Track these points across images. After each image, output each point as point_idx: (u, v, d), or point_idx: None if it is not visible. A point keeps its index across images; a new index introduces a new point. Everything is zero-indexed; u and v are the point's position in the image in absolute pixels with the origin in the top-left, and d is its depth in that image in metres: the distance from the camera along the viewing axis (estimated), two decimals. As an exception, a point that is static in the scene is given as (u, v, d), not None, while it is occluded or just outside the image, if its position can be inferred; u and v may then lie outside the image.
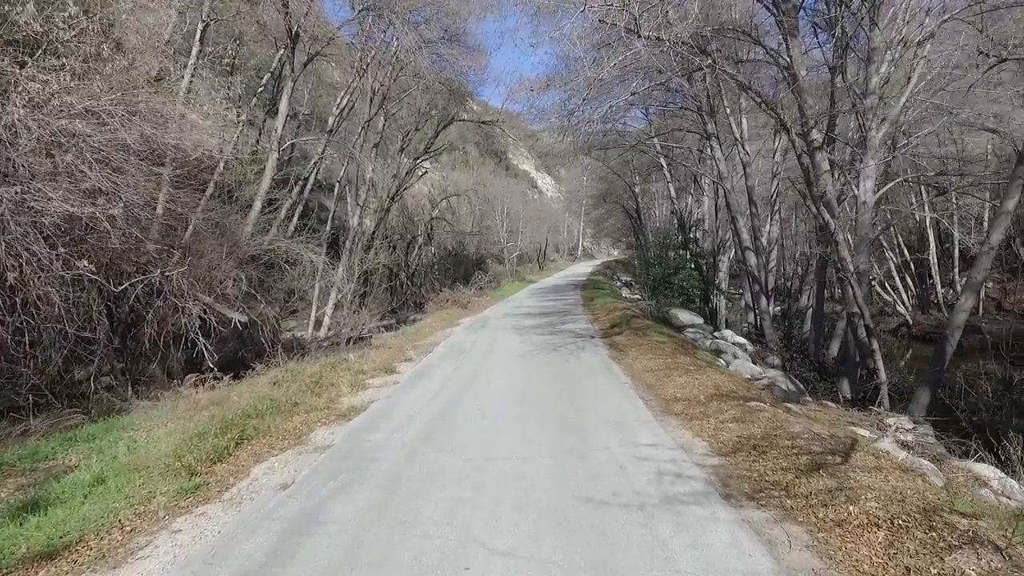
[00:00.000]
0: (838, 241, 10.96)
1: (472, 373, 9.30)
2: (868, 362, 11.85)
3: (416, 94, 31.33)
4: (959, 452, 7.43)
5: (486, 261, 42.30)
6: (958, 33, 13.31)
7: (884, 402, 11.31)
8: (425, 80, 25.86)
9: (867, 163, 12.75)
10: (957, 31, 13.28)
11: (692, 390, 7.58)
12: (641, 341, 11.96)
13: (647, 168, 33.16)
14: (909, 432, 8.35)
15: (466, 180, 46.22)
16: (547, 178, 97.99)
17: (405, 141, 29.56)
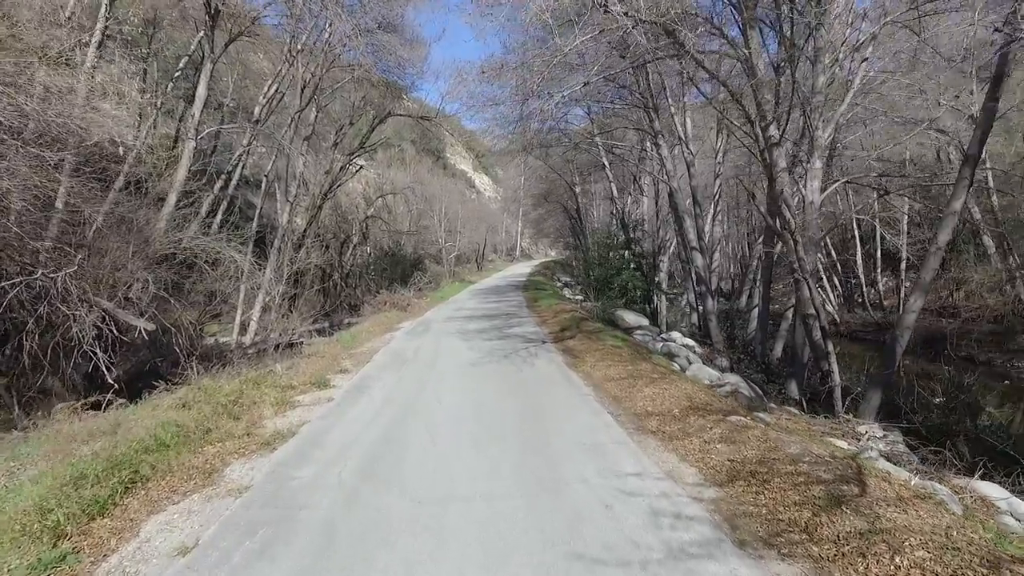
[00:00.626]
0: (797, 241, 10.61)
1: (418, 386, 8.32)
2: (822, 364, 11.57)
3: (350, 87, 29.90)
4: (935, 462, 7.09)
5: (424, 261, 41.06)
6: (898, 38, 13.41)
7: (837, 405, 11.08)
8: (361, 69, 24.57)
9: (813, 163, 12.55)
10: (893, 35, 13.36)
11: (663, 402, 6.90)
12: (596, 346, 11.29)
13: (588, 168, 32.86)
14: (880, 440, 7.99)
15: (403, 178, 44.90)
16: (484, 178, 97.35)
17: (339, 136, 28.05)
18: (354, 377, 9.04)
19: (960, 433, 9.74)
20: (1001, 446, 7.99)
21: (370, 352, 11.58)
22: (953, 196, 10.79)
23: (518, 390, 7.89)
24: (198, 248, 13.87)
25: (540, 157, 32.26)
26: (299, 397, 7.71)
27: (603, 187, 39.54)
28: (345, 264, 30.39)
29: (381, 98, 29.50)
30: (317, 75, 22.06)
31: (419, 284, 28.88)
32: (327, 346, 13.05)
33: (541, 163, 36.22)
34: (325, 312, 25.62)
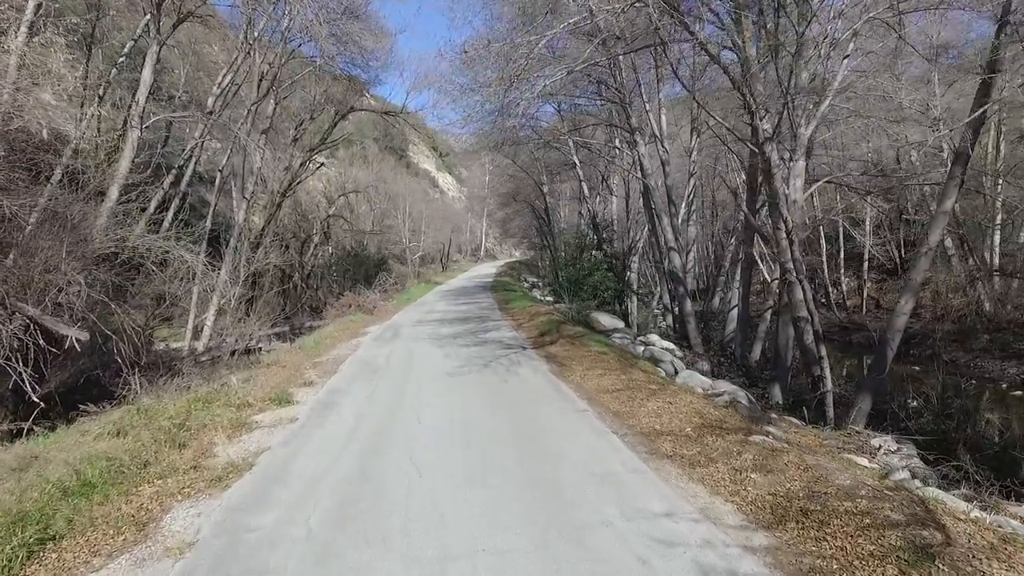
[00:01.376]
0: (793, 240, 10.10)
1: (393, 402, 7.43)
2: (813, 369, 11.08)
3: (311, 80, 28.61)
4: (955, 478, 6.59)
5: (388, 262, 39.88)
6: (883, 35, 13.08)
7: (830, 411, 10.64)
8: (323, 60, 23.43)
9: (797, 161, 12.12)
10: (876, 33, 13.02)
11: (670, 418, 6.20)
12: (580, 352, 10.58)
13: (557, 167, 32.23)
14: (895, 454, 7.45)
15: (365, 177, 43.64)
16: (448, 178, 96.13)
17: (299, 132, 26.81)
18: (320, 391, 8.09)
19: (960, 441, 9.35)
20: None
21: (336, 361, 10.60)
22: (943, 195, 10.42)
23: (506, 404, 7.08)
24: (143, 247, 12.63)
25: (509, 155, 31.50)
26: (257, 417, 6.73)
27: (570, 187, 39.04)
28: (306, 264, 29.12)
29: (343, 93, 28.33)
30: (275, 65, 20.85)
31: (384, 285, 27.77)
32: (288, 354, 12.01)
33: (509, 162, 35.47)
34: (286, 315, 24.37)
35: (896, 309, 10.96)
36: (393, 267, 40.09)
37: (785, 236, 10.76)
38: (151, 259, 13.21)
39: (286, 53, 21.62)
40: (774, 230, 10.98)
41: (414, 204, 50.78)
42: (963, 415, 10.63)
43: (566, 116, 23.31)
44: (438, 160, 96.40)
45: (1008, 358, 16.34)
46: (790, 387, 14.31)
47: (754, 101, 10.18)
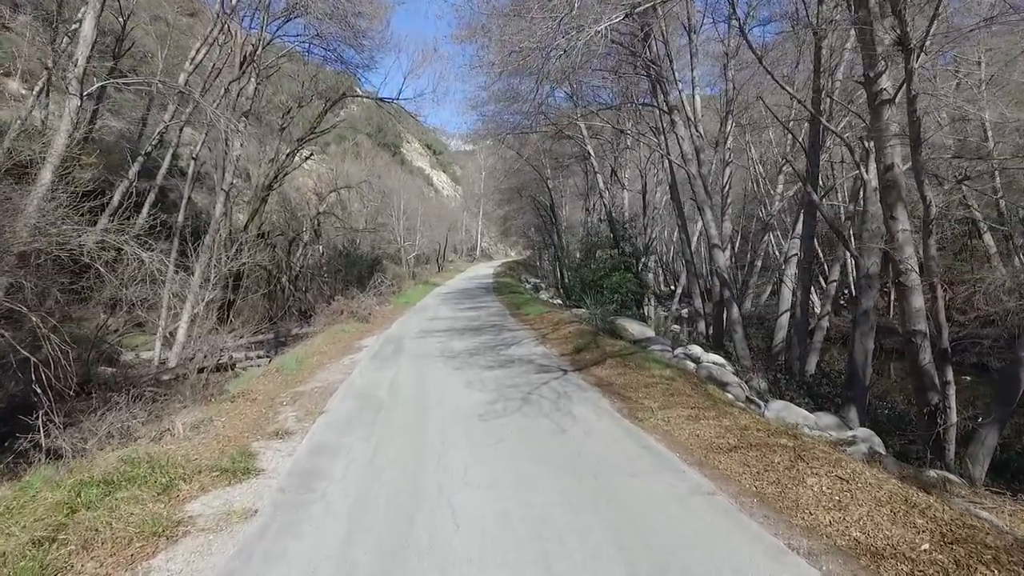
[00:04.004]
0: (931, 231, 7.71)
1: (408, 475, 4.90)
2: (930, 396, 8.68)
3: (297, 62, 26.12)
4: None
5: (382, 261, 37.40)
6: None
7: (949, 450, 8.31)
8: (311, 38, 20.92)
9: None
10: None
11: (865, 514, 3.77)
12: (639, 377, 8.12)
13: (564, 159, 29.91)
14: None
15: (358, 172, 41.27)
16: (443, 176, 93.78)
17: (285, 120, 24.26)
18: (298, 450, 5.56)
19: None
20: None
21: (324, 391, 8.07)
22: None
23: (583, 481, 4.58)
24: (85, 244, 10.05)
25: (513, 147, 29.22)
26: (192, 509, 4.22)
27: (574, 182, 36.76)
28: (294, 265, 26.61)
29: (334, 78, 25.86)
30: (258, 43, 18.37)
31: (379, 287, 25.22)
32: (264, 378, 9.46)
33: (507, 158, 33.11)
34: (271, 320, 21.87)
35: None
36: (388, 267, 37.63)
37: (905, 228, 8.37)
38: (100, 259, 10.61)
39: (269, 29, 19.16)
40: (888, 219, 8.57)
41: (409, 202, 48.35)
42: None
43: (579, 103, 20.90)
44: (432, 158, 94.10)
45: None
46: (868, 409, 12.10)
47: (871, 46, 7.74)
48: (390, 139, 74.89)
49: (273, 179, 22.89)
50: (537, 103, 18.24)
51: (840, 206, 21.51)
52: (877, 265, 12.23)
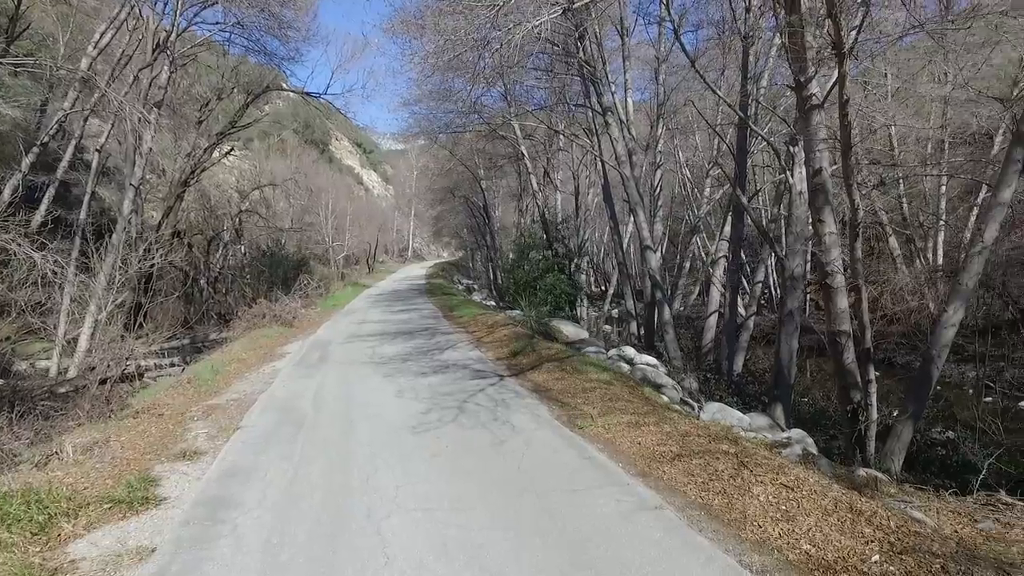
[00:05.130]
0: (857, 235, 7.89)
1: (333, 500, 4.46)
2: (852, 393, 8.93)
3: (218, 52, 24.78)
4: None
5: (309, 262, 36.08)
6: None
7: (870, 446, 8.56)
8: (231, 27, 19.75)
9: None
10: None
11: (813, 525, 3.67)
12: (577, 382, 7.95)
13: (498, 159, 29.71)
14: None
15: (283, 170, 39.73)
16: (374, 175, 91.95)
17: (204, 113, 22.92)
18: (207, 474, 4.99)
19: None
20: None
21: (241, 403, 7.44)
22: (1000, 183, 8.31)
23: (525, 500, 4.28)
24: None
25: (446, 146, 28.82)
26: (76, 551, 3.62)
27: (507, 183, 36.64)
28: (213, 266, 25.22)
29: (258, 71, 24.59)
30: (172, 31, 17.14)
31: (306, 290, 24.16)
32: (174, 390, 8.66)
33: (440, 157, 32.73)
34: (187, 324, 20.54)
35: (942, 320, 8.79)
36: (315, 268, 36.34)
37: (832, 231, 8.56)
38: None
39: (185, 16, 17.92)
40: (816, 222, 8.75)
41: (337, 201, 46.99)
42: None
43: (513, 102, 20.71)
44: (363, 156, 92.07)
45: (963, 361, 15.11)
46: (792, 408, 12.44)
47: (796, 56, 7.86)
48: (318, 136, 72.62)
49: (190, 175, 21.55)
50: (471, 101, 17.95)
51: (762, 209, 22.35)
52: (801, 267, 12.61)
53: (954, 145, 16.97)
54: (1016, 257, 16.04)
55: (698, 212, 21.60)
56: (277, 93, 38.73)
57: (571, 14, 12.44)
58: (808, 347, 16.80)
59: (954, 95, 13.60)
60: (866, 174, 13.81)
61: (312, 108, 24.68)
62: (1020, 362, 13.74)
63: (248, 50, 21.27)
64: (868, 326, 8.72)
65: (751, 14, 12.23)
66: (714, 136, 15.45)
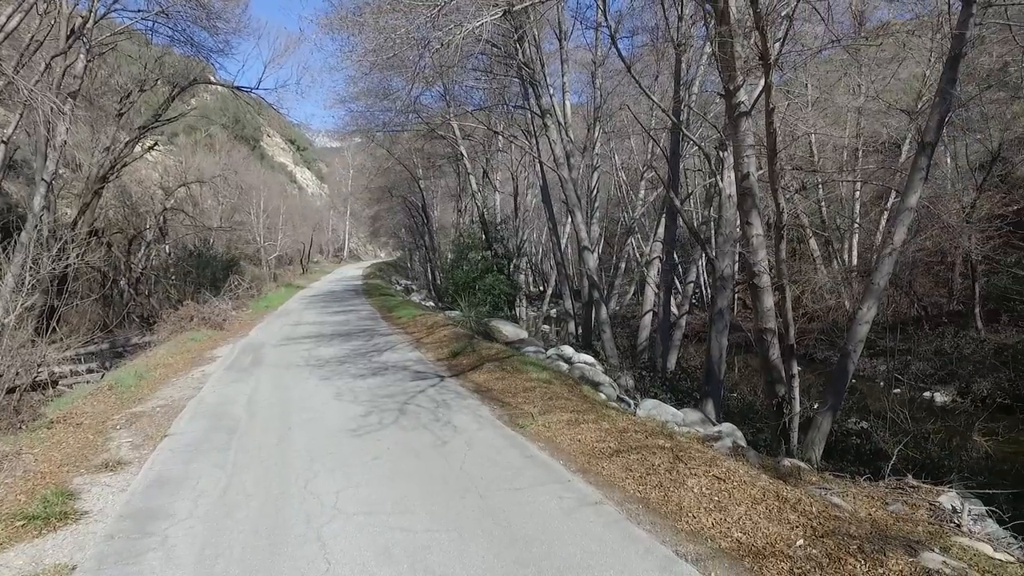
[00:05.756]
0: (783, 237, 8.30)
1: (269, 509, 4.31)
2: (778, 388, 9.40)
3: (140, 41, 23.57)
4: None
5: (240, 263, 34.79)
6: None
7: (793, 437, 9.04)
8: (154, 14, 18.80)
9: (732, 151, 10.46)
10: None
11: (744, 514, 3.85)
12: (517, 382, 8.03)
13: (437, 159, 29.55)
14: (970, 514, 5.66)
15: (212, 166, 38.14)
16: (308, 173, 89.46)
17: (125, 105, 21.68)
18: (133, 485, 4.75)
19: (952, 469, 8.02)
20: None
21: (168, 410, 7.11)
22: (907, 189, 9.00)
23: (468, 499, 4.29)
24: None
25: (384, 145, 28.39)
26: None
27: (446, 183, 36.49)
28: (135, 266, 23.93)
29: (185, 61, 23.46)
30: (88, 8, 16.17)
31: (236, 291, 23.27)
32: (93, 397, 8.17)
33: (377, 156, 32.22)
34: (107, 328, 19.40)
35: (857, 317, 9.41)
36: (246, 269, 35.06)
37: (759, 233, 8.97)
38: None
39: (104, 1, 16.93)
40: (744, 224, 9.15)
41: (270, 199, 45.44)
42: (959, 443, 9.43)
43: (452, 102, 20.66)
44: (296, 154, 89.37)
45: (875, 356, 16.19)
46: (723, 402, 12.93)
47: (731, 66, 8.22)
48: (249, 132, 70.02)
49: (109, 170, 20.35)
50: (409, 100, 17.77)
51: (694, 212, 23.15)
52: (731, 267, 13.14)
53: (867, 153, 18.09)
54: (921, 258, 17.27)
55: (633, 214, 22.16)
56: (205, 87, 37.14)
57: (511, 16, 12.51)
58: (737, 344, 17.53)
59: (867, 106, 14.48)
60: (789, 179, 14.55)
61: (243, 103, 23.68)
62: (924, 356, 14.75)
63: (173, 40, 20.26)
64: (791, 323, 9.17)
65: (684, 23, 12.66)
66: (649, 140, 15.90)
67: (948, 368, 13.97)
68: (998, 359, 13.24)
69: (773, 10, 7.18)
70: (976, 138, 16.78)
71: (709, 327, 12.63)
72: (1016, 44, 11.23)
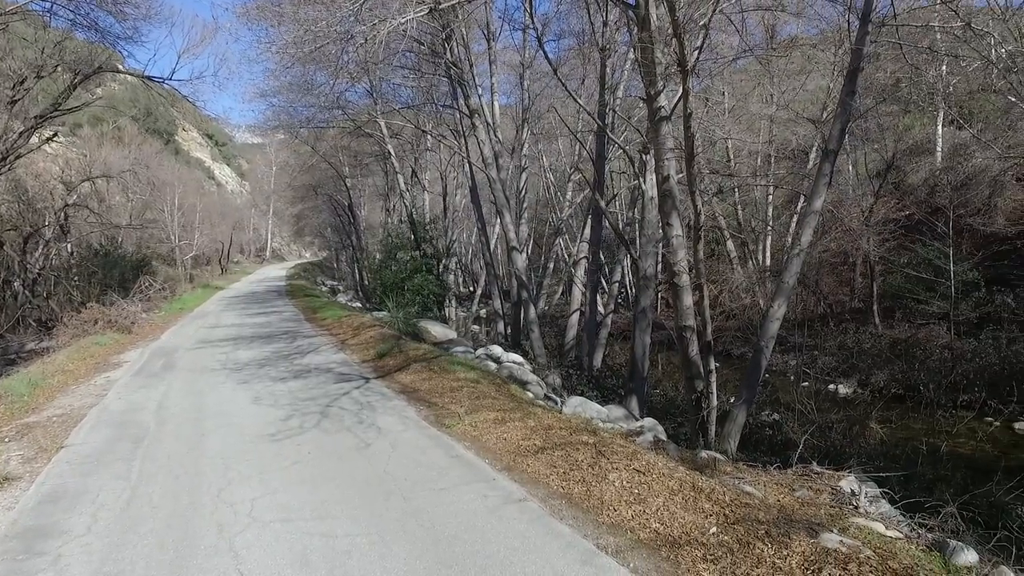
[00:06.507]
0: (699, 238, 8.63)
1: (177, 521, 4.07)
2: (696, 383, 9.80)
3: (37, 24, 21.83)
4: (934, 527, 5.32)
5: (152, 263, 32.90)
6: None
7: (711, 430, 9.46)
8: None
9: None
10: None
11: (662, 505, 3.99)
12: (445, 382, 7.98)
13: (364, 158, 28.99)
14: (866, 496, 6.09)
15: (120, 160, 35.87)
16: (227, 169, 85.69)
17: (18, 92, 20.02)
18: (23, 500, 4.37)
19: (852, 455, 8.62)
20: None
21: (66, 420, 6.60)
22: (813, 194, 9.64)
23: (392, 503, 4.21)
24: None
25: (309, 142, 27.58)
26: None
27: (373, 182, 35.84)
28: (32, 266, 22.17)
29: (89, 47, 21.90)
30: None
31: (147, 292, 21.95)
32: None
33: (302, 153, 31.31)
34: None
35: (768, 315, 9.97)
36: (159, 269, 33.19)
37: (679, 234, 9.29)
38: None
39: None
40: (665, 226, 9.46)
41: (185, 196, 43.22)
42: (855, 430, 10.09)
43: (380, 100, 20.31)
44: (215, 149, 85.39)
45: (785, 351, 17.22)
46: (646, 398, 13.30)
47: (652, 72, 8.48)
48: (162, 125, 66.33)
49: (0, 162, 18.74)
50: (334, 96, 17.33)
51: (619, 213, 23.75)
52: (653, 267, 13.55)
53: (779, 159, 19.11)
54: (827, 259, 18.42)
55: (561, 215, 22.49)
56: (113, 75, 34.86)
57: (438, 14, 12.45)
58: (660, 342, 18.09)
59: (778, 115, 15.27)
60: (708, 182, 15.19)
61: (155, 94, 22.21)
62: (830, 351, 15.74)
63: (75, 24, 18.82)
64: (709, 321, 9.55)
65: (608, 28, 12.95)
66: (576, 142, 16.16)
67: (850, 362, 14.95)
68: (893, 352, 14.30)
69: (690, 19, 7.45)
70: (874, 148, 18.11)
71: (633, 325, 12.99)
72: (906, 62, 12.21)
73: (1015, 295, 13.94)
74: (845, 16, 9.70)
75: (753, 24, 12.66)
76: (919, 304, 15.25)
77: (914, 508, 5.06)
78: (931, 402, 12.04)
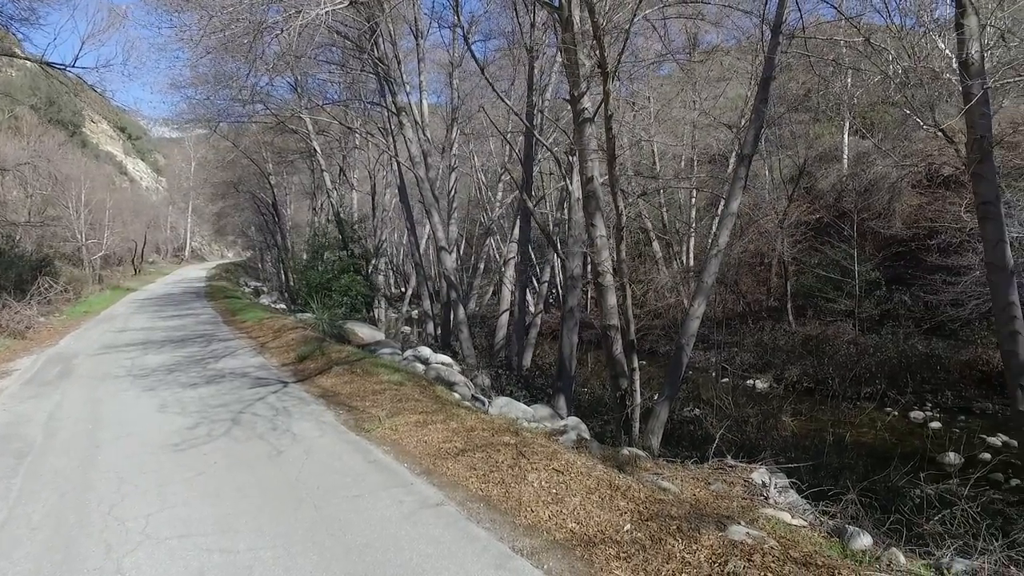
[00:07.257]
0: (622, 238, 8.76)
1: (59, 543, 3.71)
2: (620, 381, 9.98)
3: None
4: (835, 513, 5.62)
5: (54, 263, 30.57)
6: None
7: (635, 426, 9.68)
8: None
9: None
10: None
11: (579, 504, 3.98)
12: (367, 384, 7.77)
13: (289, 155, 28.02)
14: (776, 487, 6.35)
15: (17, 152, 33.28)
16: (142, 164, 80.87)
17: None
18: None
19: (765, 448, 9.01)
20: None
21: (-60, 435, 5.97)
22: (730, 196, 10.05)
23: (303, 511, 4.01)
24: None
25: (228, 137, 26.38)
26: None
27: (299, 179, 34.75)
28: (-94, 267, 20.20)
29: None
30: None
31: (47, 295, 20.36)
32: None
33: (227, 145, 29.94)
34: None
35: (689, 313, 10.30)
36: (63, 270, 30.86)
37: (602, 235, 9.43)
38: None
39: None
40: (588, 226, 9.58)
41: (93, 192, 40.38)
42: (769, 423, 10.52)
43: (304, 95, 19.68)
44: (128, 143, 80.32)
45: (707, 349, 17.91)
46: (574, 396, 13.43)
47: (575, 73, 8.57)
48: (67, 116, 61.74)
49: None
50: (252, 89, 16.62)
51: (549, 214, 23.96)
52: (580, 267, 13.71)
53: (701, 163, 19.79)
54: (745, 259, 19.21)
55: (492, 215, 22.48)
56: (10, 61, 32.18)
57: (361, 8, 12.18)
58: (588, 341, 18.34)
59: (700, 120, 15.78)
60: (634, 185, 15.53)
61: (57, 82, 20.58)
62: (748, 348, 16.41)
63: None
64: (632, 320, 9.71)
65: (536, 29, 13.01)
66: (506, 143, 16.17)
67: (766, 358, 15.65)
68: (805, 348, 15.07)
69: (611, 22, 7.55)
70: (788, 154, 19.05)
71: (561, 325, 13.11)
72: (815, 73, 12.90)
73: (911, 293, 14.99)
74: (759, 27, 10.12)
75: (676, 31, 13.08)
76: (828, 302, 16.16)
77: (819, 496, 5.29)
78: (838, 395, 12.77)
